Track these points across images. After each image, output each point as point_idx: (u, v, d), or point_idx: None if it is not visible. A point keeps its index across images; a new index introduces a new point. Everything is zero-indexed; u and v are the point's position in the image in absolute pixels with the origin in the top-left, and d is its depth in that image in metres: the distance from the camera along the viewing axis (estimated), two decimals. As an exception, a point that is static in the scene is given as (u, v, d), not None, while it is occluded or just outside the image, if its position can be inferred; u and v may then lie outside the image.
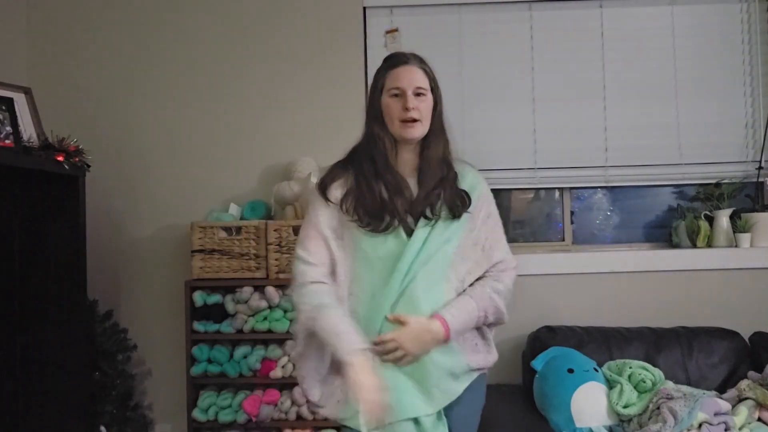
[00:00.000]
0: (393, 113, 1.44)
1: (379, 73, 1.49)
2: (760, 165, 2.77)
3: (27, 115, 2.23)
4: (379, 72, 1.50)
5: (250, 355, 2.45)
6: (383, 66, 1.50)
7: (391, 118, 1.44)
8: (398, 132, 1.44)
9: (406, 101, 1.42)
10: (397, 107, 1.43)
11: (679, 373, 2.38)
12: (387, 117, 1.45)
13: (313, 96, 2.80)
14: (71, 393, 2.29)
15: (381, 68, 1.50)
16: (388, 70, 1.47)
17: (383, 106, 1.46)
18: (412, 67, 1.46)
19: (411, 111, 1.42)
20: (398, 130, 1.44)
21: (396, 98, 1.44)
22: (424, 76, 1.47)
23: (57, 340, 2.29)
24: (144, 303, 2.80)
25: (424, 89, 1.45)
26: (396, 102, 1.44)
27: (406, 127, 1.43)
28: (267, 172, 2.79)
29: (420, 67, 1.47)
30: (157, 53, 2.83)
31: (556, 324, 2.57)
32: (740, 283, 2.69)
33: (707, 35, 2.82)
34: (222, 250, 2.48)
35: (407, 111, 1.42)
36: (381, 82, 1.47)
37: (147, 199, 2.81)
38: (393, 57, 1.51)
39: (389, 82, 1.45)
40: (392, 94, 1.44)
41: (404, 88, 1.43)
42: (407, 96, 1.43)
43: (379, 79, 1.49)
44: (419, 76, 1.46)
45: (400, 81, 1.44)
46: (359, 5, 2.82)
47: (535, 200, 3.01)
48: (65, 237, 2.29)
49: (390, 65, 1.48)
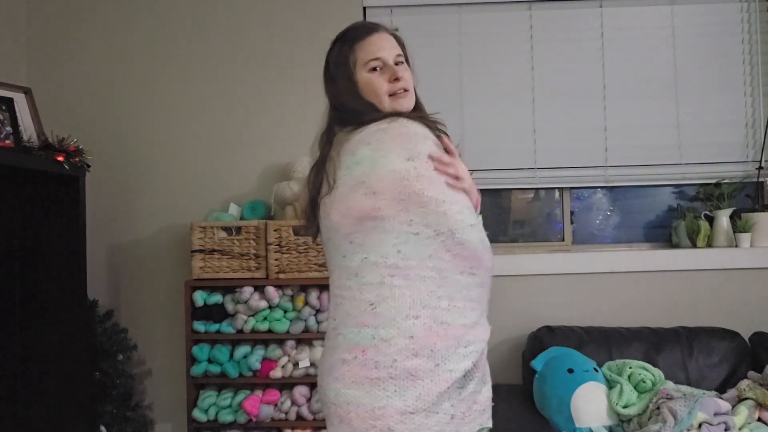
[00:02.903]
0: (379, 88, 1.24)
1: (343, 49, 1.28)
2: (760, 165, 2.77)
3: (27, 115, 2.24)
4: (341, 48, 1.28)
5: (250, 355, 2.45)
6: (346, 39, 1.29)
7: (378, 94, 1.24)
8: (389, 107, 1.24)
9: (394, 71, 1.24)
10: (381, 81, 1.24)
11: (679, 373, 2.38)
12: (372, 95, 1.25)
13: (313, 96, 2.78)
14: (71, 393, 2.30)
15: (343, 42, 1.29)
16: (355, 42, 1.27)
17: (361, 84, 1.25)
18: (384, 35, 1.28)
19: (401, 81, 1.24)
20: (389, 106, 1.24)
21: (375, 72, 1.25)
22: (397, 43, 1.30)
23: (57, 340, 2.29)
24: (144, 303, 2.80)
25: (402, 57, 1.29)
26: (378, 76, 1.25)
27: (398, 98, 1.25)
28: (267, 172, 2.79)
29: (391, 34, 1.31)
30: (157, 53, 2.83)
31: (556, 324, 2.57)
32: (740, 283, 2.69)
33: (707, 35, 2.82)
34: (222, 250, 2.48)
35: (398, 81, 1.24)
36: (350, 57, 1.26)
37: (147, 199, 2.81)
38: (355, 29, 1.31)
39: (363, 54, 1.25)
40: (371, 68, 1.25)
41: (385, 58, 1.25)
42: (391, 66, 1.25)
43: (346, 55, 1.27)
44: (394, 44, 1.29)
45: (379, 51, 1.25)
46: (359, 5, 2.82)
47: (535, 200, 3.01)
48: (65, 237, 2.29)
49: (356, 37, 1.28)
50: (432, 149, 1.17)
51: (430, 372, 1.12)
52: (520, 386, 2.51)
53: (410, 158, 1.14)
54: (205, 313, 2.48)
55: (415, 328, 1.12)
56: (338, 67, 1.28)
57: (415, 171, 1.13)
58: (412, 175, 1.13)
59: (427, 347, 1.12)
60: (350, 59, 1.26)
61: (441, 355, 1.13)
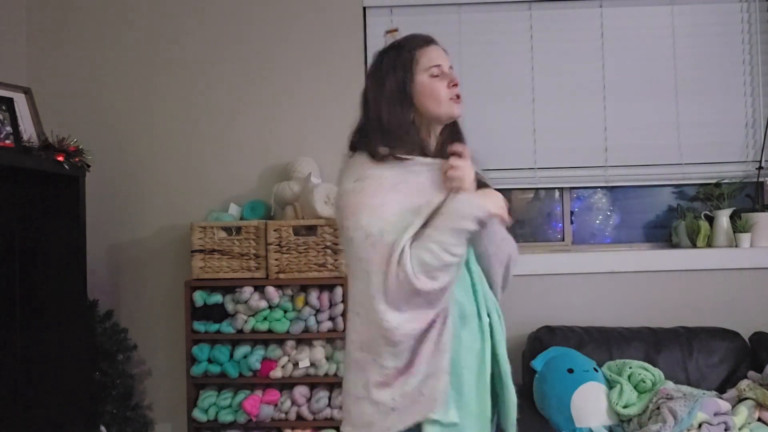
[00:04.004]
0: (440, 92, 1.35)
1: (402, 54, 1.37)
2: (760, 165, 2.77)
3: (27, 115, 2.23)
4: (399, 53, 1.38)
5: (250, 355, 2.45)
6: (406, 47, 1.39)
7: (437, 98, 1.35)
8: (447, 111, 1.37)
9: (452, 77, 1.37)
10: (442, 85, 1.35)
11: (679, 373, 2.38)
12: (430, 98, 1.35)
13: (313, 96, 2.80)
14: (71, 393, 2.29)
15: (403, 48, 1.38)
16: (416, 49, 1.37)
17: (420, 86, 1.35)
18: (439, 47, 1.41)
19: (458, 86, 1.37)
20: (447, 109, 1.36)
21: (436, 78, 1.36)
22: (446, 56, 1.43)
23: (57, 340, 2.29)
24: (144, 303, 2.80)
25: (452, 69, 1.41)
26: (439, 81, 1.36)
27: (455, 103, 1.37)
28: (267, 172, 2.79)
29: (441, 47, 1.43)
30: (157, 53, 2.83)
31: (556, 324, 2.57)
32: (740, 283, 2.69)
33: (707, 35, 2.82)
34: (222, 250, 2.48)
35: (456, 86, 1.37)
36: (411, 61, 1.36)
37: (147, 199, 2.81)
38: (415, 37, 1.42)
39: (425, 61, 1.36)
40: (432, 74, 1.35)
41: (444, 65, 1.37)
42: (449, 73, 1.37)
43: (406, 59, 1.36)
44: (446, 56, 1.41)
45: (439, 59, 1.37)
46: (359, 5, 2.82)
47: (534, 200, 3.01)
48: (65, 237, 2.29)
49: (417, 45, 1.39)
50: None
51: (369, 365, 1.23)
52: (520, 386, 2.50)
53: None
54: (205, 313, 2.48)
55: (357, 325, 1.26)
56: (395, 69, 1.36)
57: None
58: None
59: (366, 343, 1.24)
60: (411, 62, 1.35)
61: (376, 352, 1.23)
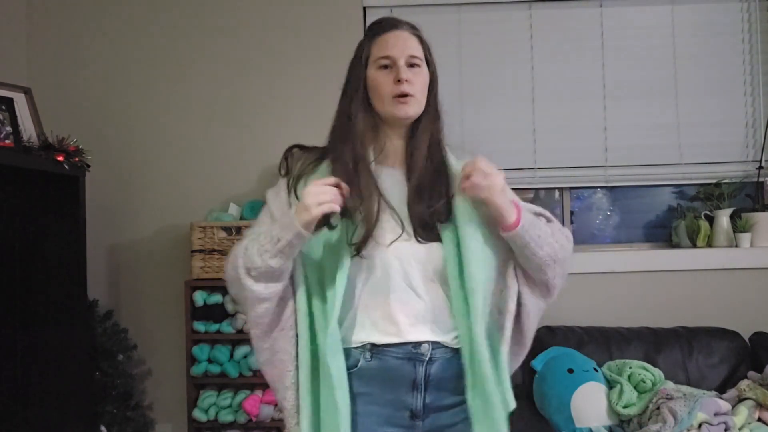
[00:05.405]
0: (381, 88, 1.17)
1: (363, 42, 1.23)
2: (760, 165, 2.77)
3: (27, 115, 2.23)
4: (361, 43, 1.24)
5: (250, 355, 2.45)
6: (368, 33, 1.24)
7: (380, 95, 1.17)
8: (389, 110, 1.18)
9: (398, 72, 1.16)
10: (386, 80, 1.17)
11: (679, 373, 2.38)
12: (374, 94, 1.19)
13: (313, 96, 2.80)
14: (71, 393, 2.29)
15: (365, 36, 1.24)
16: (374, 37, 1.21)
17: (369, 80, 1.19)
18: (403, 33, 1.20)
19: (404, 84, 1.15)
20: (389, 108, 1.17)
21: (385, 70, 1.17)
22: (419, 44, 1.21)
23: (57, 340, 2.29)
24: (144, 303, 2.80)
25: (418, 59, 1.20)
26: (386, 75, 1.17)
27: (398, 104, 1.16)
28: (267, 172, 2.79)
29: (413, 33, 1.22)
30: (156, 53, 2.83)
31: (556, 324, 2.56)
32: (740, 283, 2.69)
33: (707, 35, 2.81)
34: (222, 250, 2.48)
35: (400, 83, 1.15)
36: (365, 51, 1.20)
37: (147, 199, 2.81)
38: (380, 22, 1.24)
39: (376, 50, 1.19)
40: (381, 65, 1.18)
41: (395, 56, 1.17)
42: (399, 66, 1.16)
43: (362, 49, 1.22)
44: (413, 44, 1.20)
45: (389, 48, 1.17)
46: (359, 5, 2.82)
47: (534, 200, 3.01)
48: (65, 237, 2.29)
49: (376, 32, 1.21)
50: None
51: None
52: (520, 386, 2.50)
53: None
54: (205, 313, 2.48)
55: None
56: (352, 63, 1.24)
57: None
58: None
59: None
60: (363, 54, 1.21)
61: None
